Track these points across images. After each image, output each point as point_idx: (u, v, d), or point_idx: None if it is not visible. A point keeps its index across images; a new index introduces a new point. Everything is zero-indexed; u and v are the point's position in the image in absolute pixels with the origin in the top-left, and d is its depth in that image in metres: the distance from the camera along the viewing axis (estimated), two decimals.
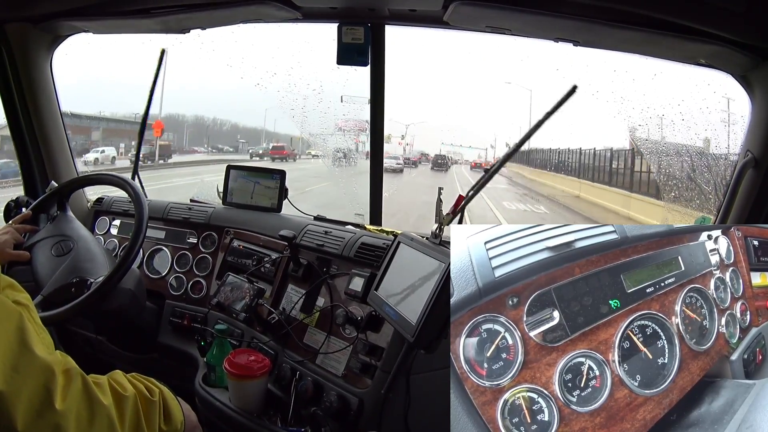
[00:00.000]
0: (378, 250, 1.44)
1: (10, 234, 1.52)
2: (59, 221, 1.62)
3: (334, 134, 3.66)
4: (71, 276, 1.48)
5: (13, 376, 0.71)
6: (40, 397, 0.74)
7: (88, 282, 1.47)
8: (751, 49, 1.28)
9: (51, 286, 1.47)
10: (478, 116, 34.02)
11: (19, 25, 1.84)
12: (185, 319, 1.75)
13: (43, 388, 0.74)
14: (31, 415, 0.72)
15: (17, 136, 2.00)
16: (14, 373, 0.71)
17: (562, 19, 1.36)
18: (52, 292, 1.46)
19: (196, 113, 19.63)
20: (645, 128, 2.12)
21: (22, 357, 0.73)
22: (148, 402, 0.91)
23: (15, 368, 0.72)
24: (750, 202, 1.42)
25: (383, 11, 1.67)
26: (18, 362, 0.72)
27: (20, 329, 0.74)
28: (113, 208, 2.06)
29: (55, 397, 0.75)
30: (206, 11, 1.63)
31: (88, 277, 1.48)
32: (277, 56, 3.21)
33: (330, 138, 3.53)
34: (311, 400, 1.33)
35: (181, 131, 18.67)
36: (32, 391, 0.73)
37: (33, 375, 0.74)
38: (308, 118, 2.85)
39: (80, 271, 1.50)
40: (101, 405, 0.81)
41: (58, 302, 1.43)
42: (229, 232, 1.84)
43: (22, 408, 0.71)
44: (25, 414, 0.71)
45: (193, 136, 19.32)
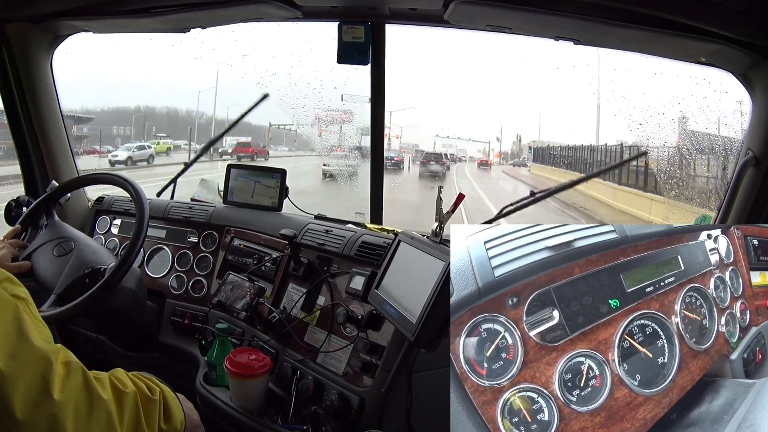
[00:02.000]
0: (379, 249, 1.45)
1: (6, 249, 1.53)
2: (51, 227, 1.65)
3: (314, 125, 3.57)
4: (82, 269, 1.50)
5: (11, 364, 0.71)
6: (38, 385, 0.74)
7: (102, 269, 1.50)
8: (752, 47, 1.28)
9: (63, 283, 1.48)
10: (479, 106, 32.20)
11: (19, 24, 1.83)
12: (186, 318, 1.75)
13: (41, 377, 0.74)
14: (29, 403, 0.72)
15: (18, 136, 2.00)
16: (12, 361, 0.72)
17: (562, 18, 1.35)
18: (65, 288, 1.47)
19: (169, 105, 18.26)
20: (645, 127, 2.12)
21: (20, 346, 0.73)
22: (148, 400, 0.91)
23: (13, 356, 0.72)
24: (751, 200, 1.41)
25: (383, 10, 1.67)
26: (16, 351, 0.72)
27: (17, 320, 0.74)
28: (114, 207, 2.06)
29: (53, 387, 0.75)
30: (206, 10, 1.63)
31: (100, 266, 1.52)
32: (277, 55, 3.21)
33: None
34: (312, 399, 1.33)
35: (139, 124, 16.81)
36: (30, 379, 0.73)
37: (31, 363, 0.74)
38: (308, 116, 2.84)
39: (90, 262, 1.53)
40: (101, 399, 0.81)
41: (73, 297, 1.45)
42: (229, 231, 1.84)
43: (19, 395, 0.71)
44: (23, 401, 0.71)
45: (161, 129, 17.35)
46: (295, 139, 16.70)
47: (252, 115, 2.14)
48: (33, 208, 1.68)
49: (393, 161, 14.32)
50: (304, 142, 16.60)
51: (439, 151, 16.10)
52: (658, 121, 2.02)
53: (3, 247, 1.53)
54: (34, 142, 2.01)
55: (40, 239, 1.60)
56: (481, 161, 18.50)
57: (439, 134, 17.66)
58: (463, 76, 30.30)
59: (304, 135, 15.14)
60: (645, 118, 2.07)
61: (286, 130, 15.87)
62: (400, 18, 1.72)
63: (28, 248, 1.58)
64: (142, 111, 17.32)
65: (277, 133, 16.67)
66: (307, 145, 16.05)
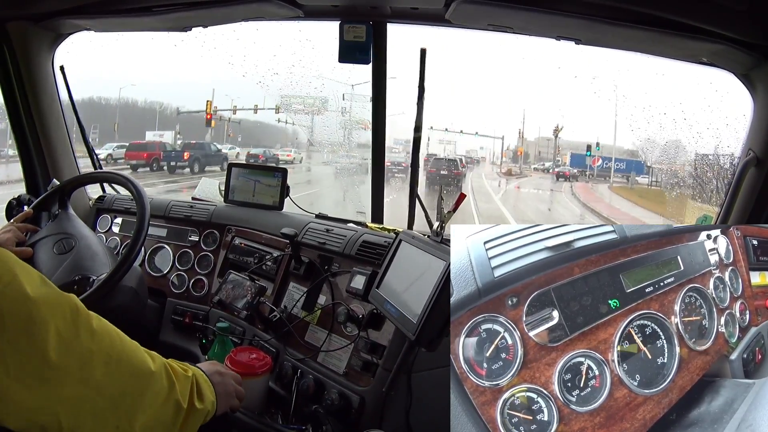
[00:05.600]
0: (379, 248, 1.45)
1: (12, 233, 1.52)
2: (61, 219, 1.62)
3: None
4: (73, 274, 1.48)
5: (42, 292, 0.76)
6: (68, 325, 0.77)
7: (90, 279, 1.47)
8: (753, 47, 1.28)
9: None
10: (487, 98, 29.01)
11: (20, 23, 1.84)
12: (187, 317, 1.76)
13: (70, 316, 0.78)
14: (62, 343, 0.75)
15: (19, 135, 2.00)
16: (42, 291, 0.76)
17: (563, 17, 1.35)
18: None
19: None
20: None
21: (45, 287, 0.78)
22: (181, 375, 0.93)
23: (42, 290, 0.76)
24: (752, 200, 1.41)
25: (385, 9, 1.67)
26: (42, 290, 0.77)
27: (39, 275, 0.78)
28: (115, 206, 2.06)
29: (80, 330, 0.79)
30: (208, 9, 1.63)
31: (90, 274, 1.49)
32: (278, 54, 3.21)
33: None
34: (312, 398, 1.33)
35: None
36: (61, 318, 0.77)
37: (60, 302, 0.78)
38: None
39: (82, 269, 1.50)
40: (130, 349, 0.87)
41: None
42: (230, 230, 1.84)
43: (53, 334, 0.75)
44: (55, 340, 0.75)
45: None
46: (231, 131, 15.38)
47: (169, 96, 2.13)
48: (47, 196, 1.66)
49: (400, 167, 11.55)
50: (250, 134, 15.73)
51: (450, 156, 12.46)
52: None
53: (9, 230, 1.53)
54: (36, 141, 2.01)
55: (46, 230, 1.59)
56: (558, 172, 14.42)
57: (434, 126, 13.11)
58: (468, 71, 28.23)
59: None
60: (646, 118, 2.06)
61: (226, 121, 14.59)
62: (402, 17, 1.72)
63: (35, 236, 1.58)
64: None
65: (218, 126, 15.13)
66: (254, 138, 15.46)
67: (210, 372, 1.03)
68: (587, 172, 14.43)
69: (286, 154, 16.26)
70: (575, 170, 14.67)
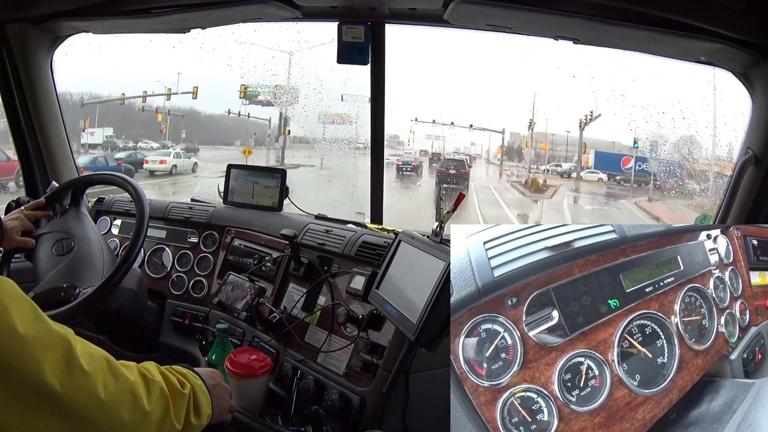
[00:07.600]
0: (379, 249, 1.45)
1: (19, 221, 1.52)
2: (68, 217, 1.61)
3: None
4: (62, 280, 1.47)
5: (34, 330, 0.73)
6: (64, 359, 0.76)
7: (77, 290, 1.45)
8: (752, 46, 1.28)
9: (42, 286, 1.47)
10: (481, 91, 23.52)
11: (19, 25, 1.84)
12: (186, 318, 1.75)
13: (63, 353, 0.77)
14: (62, 376, 0.75)
15: (18, 137, 2.01)
16: (34, 330, 0.74)
17: (562, 17, 1.35)
18: (41, 293, 1.45)
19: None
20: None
21: (38, 324, 0.76)
22: (177, 393, 0.92)
23: (34, 328, 0.74)
24: (751, 199, 1.42)
25: (383, 10, 1.67)
26: (35, 327, 0.75)
27: (32, 305, 0.76)
28: (114, 208, 2.06)
29: (78, 361, 0.78)
30: (206, 10, 1.64)
31: (78, 284, 1.47)
32: (277, 55, 3.21)
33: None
34: (313, 399, 1.33)
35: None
36: (54, 353, 0.75)
37: (53, 339, 0.76)
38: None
39: (72, 276, 1.48)
40: (126, 379, 0.84)
41: (47, 304, 1.38)
42: (230, 232, 1.84)
43: (48, 367, 0.73)
44: (53, 372, 0.74)
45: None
46: (163, 127, 13.33)
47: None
48: (62, 187, 1.65)
49: (411, 167, 11.76)
50: (200, 131, 13.63)
51: (460, 157, 12.37)
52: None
53: (17, 218, 1.52)
54: (34, 143, 2.01)
55: (51, 225, 1.58)
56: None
57: (419, 118, 11.83)
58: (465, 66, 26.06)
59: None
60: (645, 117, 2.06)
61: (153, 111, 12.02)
62: (400, 18, 1.73)
63: (41, 229, 1.57)
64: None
65: (147, 119, 12.69)
66: (209, 134, 13.70)
67: (211, 384, 1.03)
68: (618, 176, 11.76)
69: (159, 160, 12.05)
70: (603, 175, 11.87)
